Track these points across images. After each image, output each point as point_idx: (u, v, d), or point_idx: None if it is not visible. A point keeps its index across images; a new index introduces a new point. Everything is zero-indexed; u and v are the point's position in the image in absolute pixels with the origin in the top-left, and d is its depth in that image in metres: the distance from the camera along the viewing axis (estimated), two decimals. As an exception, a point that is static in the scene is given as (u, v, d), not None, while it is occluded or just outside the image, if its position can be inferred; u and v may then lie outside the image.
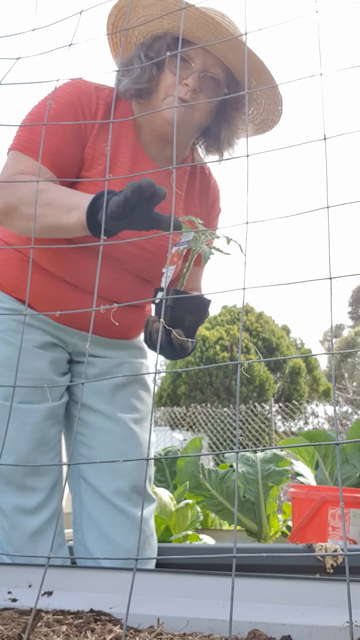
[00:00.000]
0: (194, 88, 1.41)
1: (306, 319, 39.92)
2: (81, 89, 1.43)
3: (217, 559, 1.45)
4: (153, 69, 1.44)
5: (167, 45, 1.43)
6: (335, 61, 1.02)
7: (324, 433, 2.73)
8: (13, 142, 1.39)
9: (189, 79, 1.41)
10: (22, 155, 1.36)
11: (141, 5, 1.41)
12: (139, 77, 1.44)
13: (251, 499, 2.81)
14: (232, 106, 1.53)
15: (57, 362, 1.51)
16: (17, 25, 1.10)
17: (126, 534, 1.47)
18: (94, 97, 1.44)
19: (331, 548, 1.53)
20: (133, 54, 1.48)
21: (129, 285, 1.51)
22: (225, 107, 1.53)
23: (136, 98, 1.48)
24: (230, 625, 0.69)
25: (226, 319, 15.37)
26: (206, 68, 1.43)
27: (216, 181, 1.68)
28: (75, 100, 1.41)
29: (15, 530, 1.39)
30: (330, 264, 0.76)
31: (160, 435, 10.75)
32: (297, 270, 34.50)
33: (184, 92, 1.41)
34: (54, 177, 1.37)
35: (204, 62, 1.43)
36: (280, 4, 9.38)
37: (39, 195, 1.26)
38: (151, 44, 1.46)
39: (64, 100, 1.40)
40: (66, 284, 1.48)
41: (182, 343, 1.26)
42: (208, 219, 1.65)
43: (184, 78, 1.41)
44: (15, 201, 1.29)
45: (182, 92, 1.41)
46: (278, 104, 1.52)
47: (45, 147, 1.34)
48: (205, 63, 1.43)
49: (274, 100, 1.52)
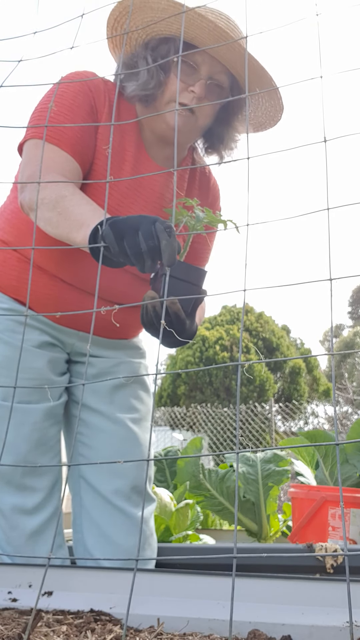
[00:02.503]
0: (200, 96, 1.40)
1: (306, 319, 39.90)
2: (89, 77, 1.42)
3: (217, 559, 1.45)
4: (160, 75, 1.42)
5: (174, 49, 1.41)
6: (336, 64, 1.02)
7: (324, 433, 2.73)
8: (31, 131, 1.36)
9: (195, 86, 1.40)
10: (47, 145, 1.33)
11: (149, 7, 1.38)
12: (146, 82, 1.42)
13: (251, 499, 2.81)
14: (234, 112, 1.52)
15: (55, 362, 1.51)
16: (19, 26, 1.11)
17: (126, 534, 1.47)
18: (102, 86, 1.43)
19: (331, 548, 1.54)
20: (137, 53, 1.46)
21: (128, 286, 1.50)
22: (227, 113, 1.52)
23: (142, 103, 1.47)
24: (230, 625, 0.69)
25: (226, 319, 15.37)
26: (212, 75, 1.42)
27: (216, 180, 1.68)
28: (86, 88, 1.40)
29: (14, 531, 1.39)
30: (330, 265, 0.76)
31: (160, 435, 10.75)
32: (298, 271, 34.48)
33: (190, 98, 1.40)
34: (78, 168, 1.35)
35: (211, 69, 1.41)
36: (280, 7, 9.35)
37: (59, 202, 1.24)
38: (157, 45, 1.44)
39: (76, 86, 1.39)
40: (64, 284, 1.47)
41: (177, 311, 1.18)
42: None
43: (190, 84, 1.40)
44: (39, 200, 1.27)
45: (188, 98, 1.40)
46: (279, 111, 1.52)
47: (68, 135, 1.33)
48: (211, 70, 1.42)
49: (275, 109, 1.52)
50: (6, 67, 1.04)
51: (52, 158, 1.33)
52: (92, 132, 1.39)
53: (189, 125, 1.45)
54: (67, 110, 1.37)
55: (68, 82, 1.40)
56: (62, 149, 1.34)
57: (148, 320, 1.24)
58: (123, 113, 1.49)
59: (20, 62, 1.00)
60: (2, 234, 1.51)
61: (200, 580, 0.99)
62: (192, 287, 1.23)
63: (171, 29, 1.41)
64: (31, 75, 1.32)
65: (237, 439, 0.74)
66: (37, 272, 1.46)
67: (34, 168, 1.31)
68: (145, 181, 1.47)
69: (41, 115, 1.38)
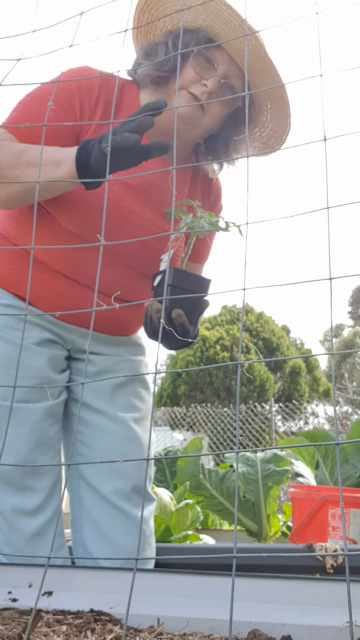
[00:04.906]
0: (212, 91, 1.39)
1: (306, 319, 39.91)
2: (82, 75, 1.41)
3: (217, 559, 1.45)
4: (177, 59, 1.42)
5: (197, 41, 1.40)
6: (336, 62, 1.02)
7: (324, 433, 2.73)
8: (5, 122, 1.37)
9: (209, 80, 1.39)
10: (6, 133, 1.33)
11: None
12: (162, 64, 1.42)
13: (251, 499, 2.81)
14: (243, 120, 1.51)
15: (55, 360, 1.50)
16: (17, 23, 1.10)
17: (126, 534, 1.46)
18: (96, 84, 1.41)
19: (331, 548, 1.54)
20: (159, 40, 1.46)
21: (130, 281, 1.49)
22: (236, 121, 1.52)
23: (154, 85, 1.45)
24: (230, 625, 0.69)
25: (226, 319, 15.37)
26: (228, 76, 1.41)
27: (218, 179, 1.67)
28: (74, 86, 1.39)
29: (14, 532, 1.37)
30: (330, 265, 0.76)
31: (160, 435, 10.75)
32: (297, 271, 34.49)
33: (200, 91, 1.39)
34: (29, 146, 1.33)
35: (228, 70, 1.41)
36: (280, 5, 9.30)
37: (19, 157, 1.24)
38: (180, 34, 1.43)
39: (61, 84, 1.37)
40: (65, 278, 1.45)
41: (183, 323, 1.21)
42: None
43: (204, 78, 1.40)
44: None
45: (199, 90, 1.39)
46: (284, 133, 1.53)
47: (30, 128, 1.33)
48: (228, 71, 1.41)
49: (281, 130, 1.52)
50: (5, 65, 1.04)
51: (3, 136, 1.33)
52: (71, 130, 1.38)
53: (195, 119, 1.44)
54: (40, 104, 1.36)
55: (65, 80, 1.39)
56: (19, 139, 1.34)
57: (153, 329, 1.26)
58: (126, 107, 1.47)
59: (19, 61, 0.99)
60: (2, 227, 1.49)
61: (200, 580, 0.99)
62: (196, 296, 1.24)
63: (197, 20, 1.41)
64: (30, 73, 1.32)
65: (237, 439, 0.74)
66: (38, 267, 1.44)
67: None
68: (148, 175, 1.47)
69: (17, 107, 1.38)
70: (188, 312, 1.23)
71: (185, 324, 1.22)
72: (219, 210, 1.68)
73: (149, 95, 1.48)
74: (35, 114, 1.34)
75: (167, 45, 1.43)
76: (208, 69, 1.41)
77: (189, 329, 1.23)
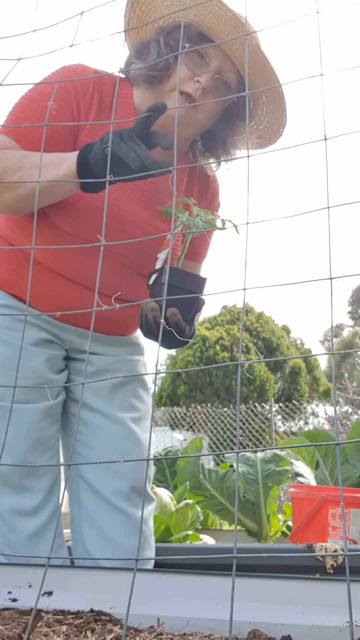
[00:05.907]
0: (205, 87, 1.38)
1: (306, 319, 39.90)
2: (77, 74, 1.39)
3: (217, 559, 1.45)
4: (170, 58, 1.39)
5: (188, 37, 1.38)
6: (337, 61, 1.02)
7: (324, 433, 2.73)
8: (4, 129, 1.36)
9: (202, 77, 1.38)
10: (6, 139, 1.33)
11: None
12: (155, 63, 1.40)
13: (251, 499, 2.81)
14: (239, 116, 1.51)
15: (53, 360, 1.49)
16: (18, 23, 1.10)
17: (126, 535, 1.46)
18: (90, 83, 1.40)
19: (331, 548, 1.54)
20: (150, 37, 1.44)
21: (127, 280, 1.48)
22: (232, 116, 1.51)
23: (147, 85, 1.44)
24: (230, 625, 0.69)
25: (226, 319, 15.38)
26: (221, 71, 1.40)
27: (215, 176, 1.67)
28: (69, 85, 1.38)
29: (13, 533, 1.37)
30: (330, 264, 0.76)
31: (160, 435, 10.75)
32: (298, 271, 34.49)
33: (194, 88, 1.38)
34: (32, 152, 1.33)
35: (221, 65, 1.40)
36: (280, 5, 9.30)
37: (22, 160, 1.25)
38: (172, 30, 1.42)
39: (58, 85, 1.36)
40: (63, 279, 1.45)
41: (178, 322, 1.21)
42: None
43: (197, 75, 1.38)
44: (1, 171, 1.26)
45: (192, 88, 1.38)
46: (281, 125, 1.52)
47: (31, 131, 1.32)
48: (222, 66, 1.40)
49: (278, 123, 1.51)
50: (6, 65, 1.04)
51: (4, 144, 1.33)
52: (70, 129, 1.37)
53: (189, 118, 1.43)
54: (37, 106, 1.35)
55: (54, 77, 1.39)
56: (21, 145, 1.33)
57: (148, 329, 1.25)
58: (120, 106, 1.46)
59: (19, 60, 0.99)
60: (1, 229, 1.49)
61: (200, 580, 0.99)
62: (191, 294, 1.23)
63: (188, 16, 1.39)
64: (31, 73, 1.32)
65: (237, 439, 0.74)
66: (35, 267, 1.43)
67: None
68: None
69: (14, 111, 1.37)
70: (183, 311, 1.23)
71: (180, 322, 1.22)
72: (216, 207, 1.67)
73: (143, 93, 1.47)
74: (35, 118, 1.34)
75: (158, 42, 1.42)
76: (201, 64, 1.39)
77: (184, 327, 1.23)
